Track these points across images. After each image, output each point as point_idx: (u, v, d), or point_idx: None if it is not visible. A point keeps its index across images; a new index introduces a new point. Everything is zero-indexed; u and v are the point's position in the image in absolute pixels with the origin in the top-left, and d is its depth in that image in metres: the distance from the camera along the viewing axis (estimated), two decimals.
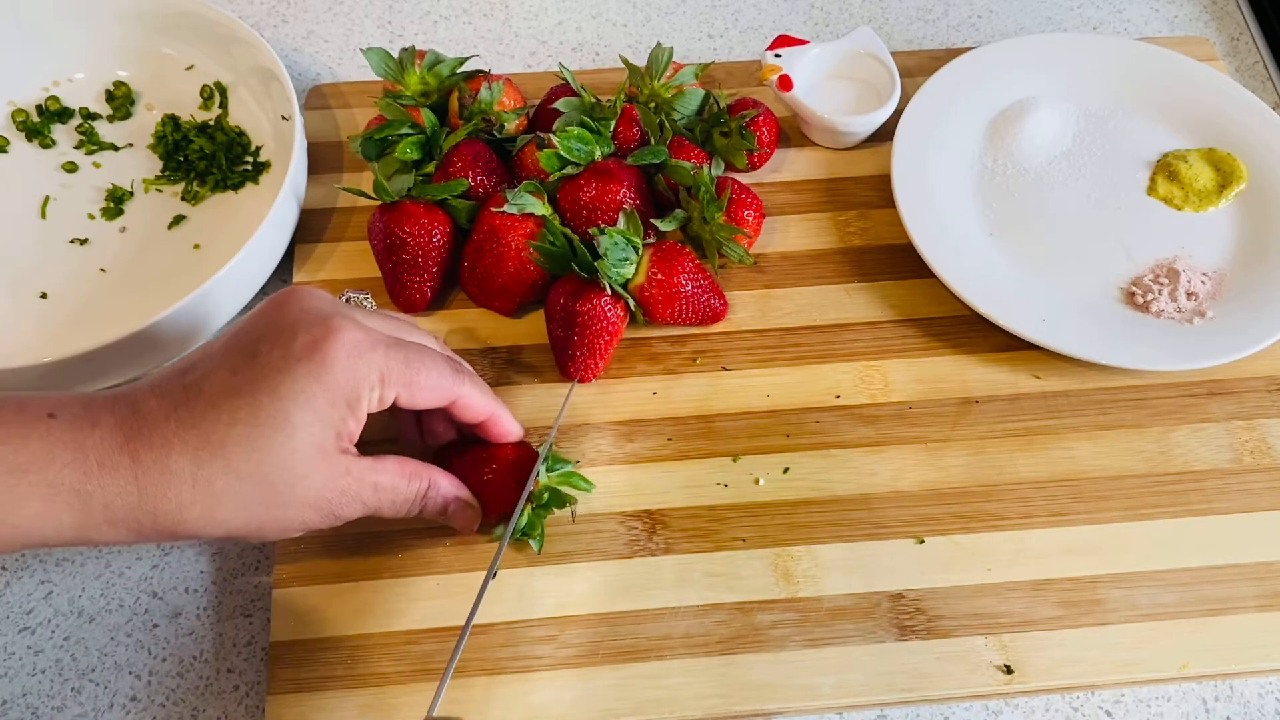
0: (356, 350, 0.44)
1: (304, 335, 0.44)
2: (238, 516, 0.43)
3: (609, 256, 0.58)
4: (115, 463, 0.41)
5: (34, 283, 0.64)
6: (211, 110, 0.71)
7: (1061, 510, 0.57)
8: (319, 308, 0.45)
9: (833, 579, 0.54)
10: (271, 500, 0.43)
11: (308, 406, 0.43)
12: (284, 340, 0.44)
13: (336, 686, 0.51)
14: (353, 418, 0.45)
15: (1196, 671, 0.52)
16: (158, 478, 0.41)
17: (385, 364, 0.45)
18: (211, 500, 0.42)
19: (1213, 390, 0.61)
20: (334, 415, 0.44)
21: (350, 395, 0.44)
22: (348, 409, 0.44)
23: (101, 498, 0.41)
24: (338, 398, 0.44)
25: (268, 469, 0.42)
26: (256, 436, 0.42)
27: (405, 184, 0.61)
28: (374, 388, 0.45)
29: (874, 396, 0.60)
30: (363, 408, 0.45)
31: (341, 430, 0.44)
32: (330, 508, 0.45)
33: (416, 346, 0.48)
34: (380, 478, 0.46)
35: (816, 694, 0.51)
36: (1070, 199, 0.67)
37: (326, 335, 0.44)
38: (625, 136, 0.64)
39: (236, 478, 0.42)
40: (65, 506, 0.40)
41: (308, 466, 0.43)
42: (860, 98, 0.70)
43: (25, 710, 0.53)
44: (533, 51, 0.78)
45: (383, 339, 0.46)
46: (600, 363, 0.59)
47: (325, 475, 0.44)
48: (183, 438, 0.42)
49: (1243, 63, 0.79)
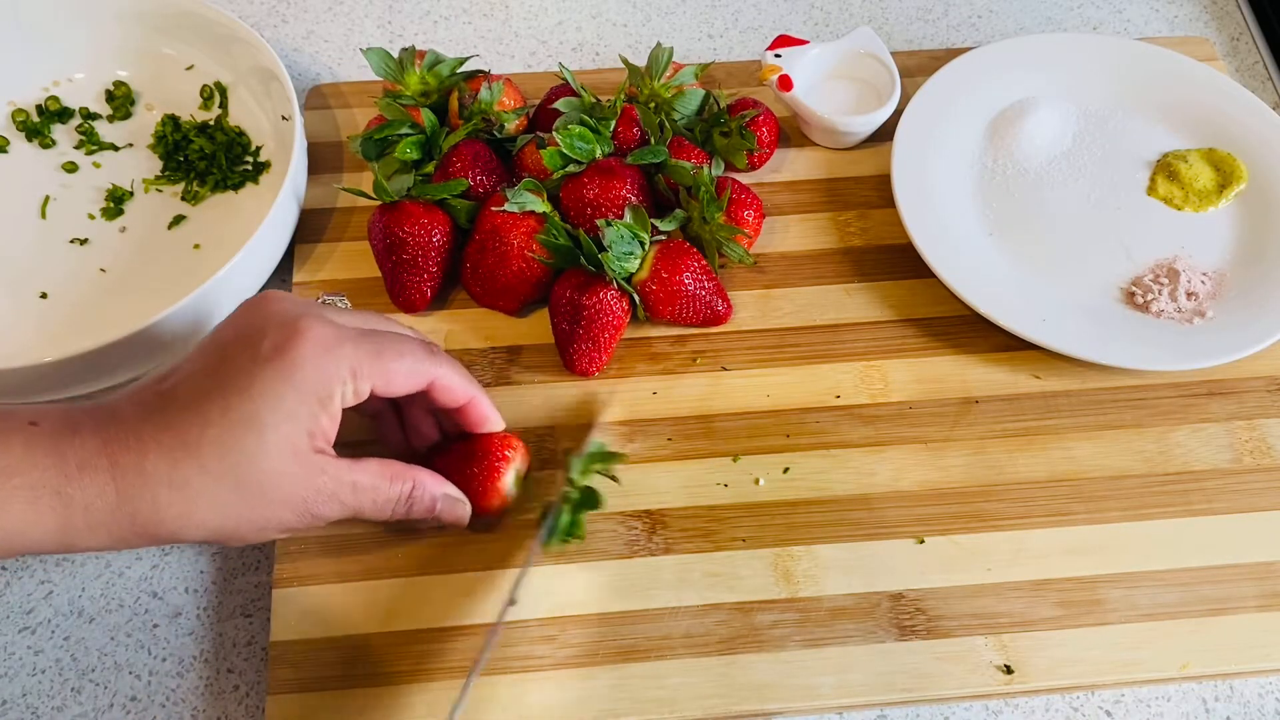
0: (324, 347, 0.45)
1: (271, 337, 0.45)
2: (214, 517, 0.44)
3: (614, 249, 0.58)
4: (94, 465, 0.42)
5: (34, 283, 0.64)
6: (211, 110, 0.71)
7: (1061, 510, 0.57)
8: (287, 310, 0.46)
9: (833, 579, 0.54)
10: (246, 500, 0.44)
11: (277, 407, 0.44)
12: (253, 343, 0.45)
13: (336, 686, 0.51)
14: (325, 415, 0.45)
15: (1196, 671, 0.52)
16: (135, 479, 0.42)
17: (355, 356, 0.46)
18: (188, 501, 0.43)
19: (1213, 390, 0.61)
20: (305, 414, 0.44)
21: (321, 393, 0.45)
22: (319, 407, 0.45)
23: (81, 500, 0.42)
24: (308, 396, 0.44)
25: (241, 469, 0.43)
26: (228, 438, 0.43)
27: (405, 184, 0.61)
28: (345, 382, 0.46)
29: (874, 396, 0.60)
30: (335, 404, 0.45)
31: (314, 429, 0.45)
32: (306, 507, 0.45)
33: (388, 335, 0.48)
34: (359, 477, 0.47)
35: (816, 694, 0.51)
36: (1070, 199, 0.67)
37: (293, 336, 0.45)
38: (625, 136, 0.65)
39: (212, 478, 0.43)
40: (48, 509, 0.41)
41: (281, 465, 0.44)
42: (860, 98, 0.70)
43: (25, 710, 0.53)
44: (533, 51, 0.78)
45: (351, 333, 0.46)
46: (604, 356, 0.59)
47: (299, 474, 0.45)
48: (158, 440, 0.42)
49: (1243, 63, 0.79)
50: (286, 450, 0.44)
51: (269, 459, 0.43)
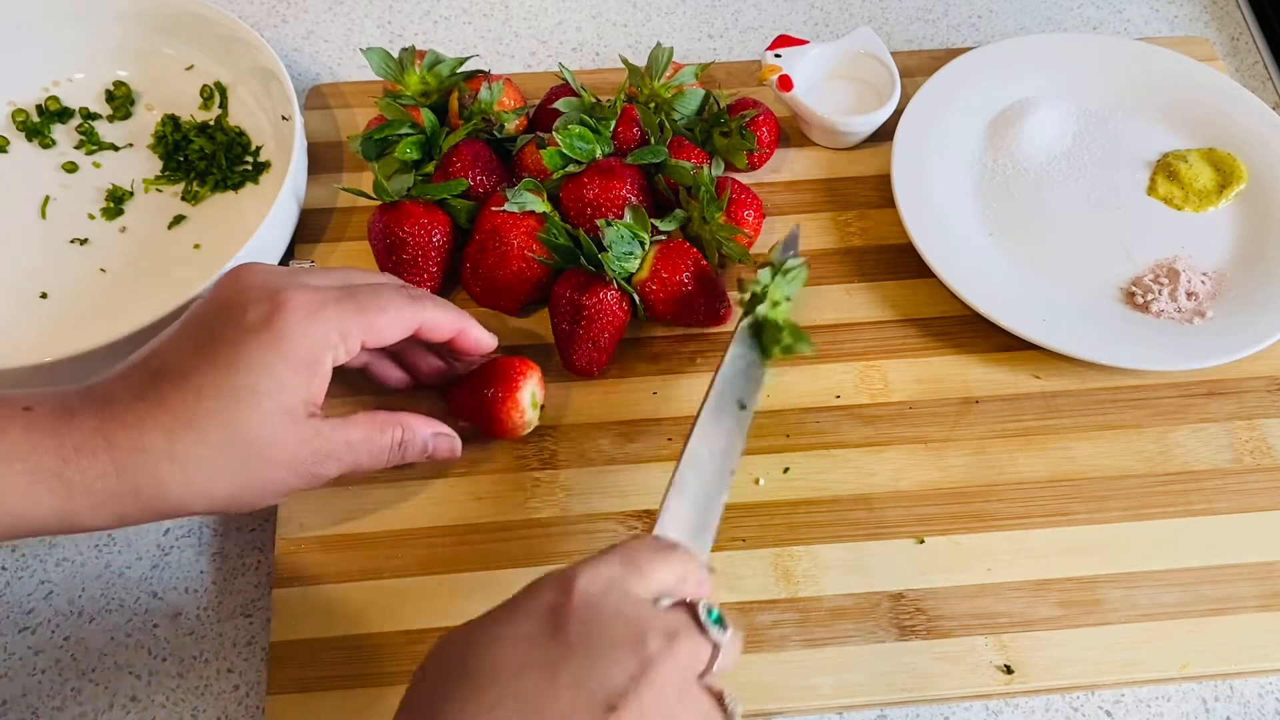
0: (308, 314, 0.46)
1: (255, 309, 0.46)
2: (217, 484, 0.44)
3: (614, 248, 0.58)
4: (92, 447, 0.42)
5: (34, 283, 0.64)
6: (211, 110, 0.71)
7: (1061, 510, 0.57)
8: (267, 281, 0.47)
9: (833, 579, 0.54)
10: (247, 466, 0.45)
11: (269, 376, 0.45)
12: (237, 316, 0.46)
13: (336, 686, 0.51)
14: (316, 380, 0.46)
15: (1196, 671, 0.52)
16: (135, 456, 0.43)
17: (339, 317, 0.47)
18: (189, 472, 0.44)
19: (1213, 390, 0.61)
20: (297, 381, 0.45)
21: (310, 359, 0.46)
22: (309, 373, 0.46)
23: (82, 482, 0.42)
24: (298, 363, 0.45)
25: (240, 439, 0.44)
26: (224, 409, 0.44)
27: (405, 184, 0.61)
28: (334, 345, 0.47)
29: (874, 396, 0.60)
30: (325, 367, 0.47)
31: (306, 395, 0.46)
32: (306, 468, 0.47)
33: (368, 288, 0.49)
34: (352, 434, 0.48)
35: (816, 694, 0.51)
36: (1070, 199, 0.67)
37: (277, 307, 0.46)
38: (625, 136, 0.65)
39: (211, 449, 0.44)
40: (48, 492, 0.42)
41: (278, 433, 0.45)
42: (860, 98, 0.70)
43: (25, 710, 0.53)
44: (533, 51, 0.78)
45: (332, 295, 0.47)
46: (604, 356, 0.59)
47: (296, 439, 0.46)
48: (154, 415, 0.43)
49: (1243, 63, 0.79)
50: (282, 418, 0.45)
51: (266, 427, 0.45)
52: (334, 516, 0.56)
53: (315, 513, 0.56)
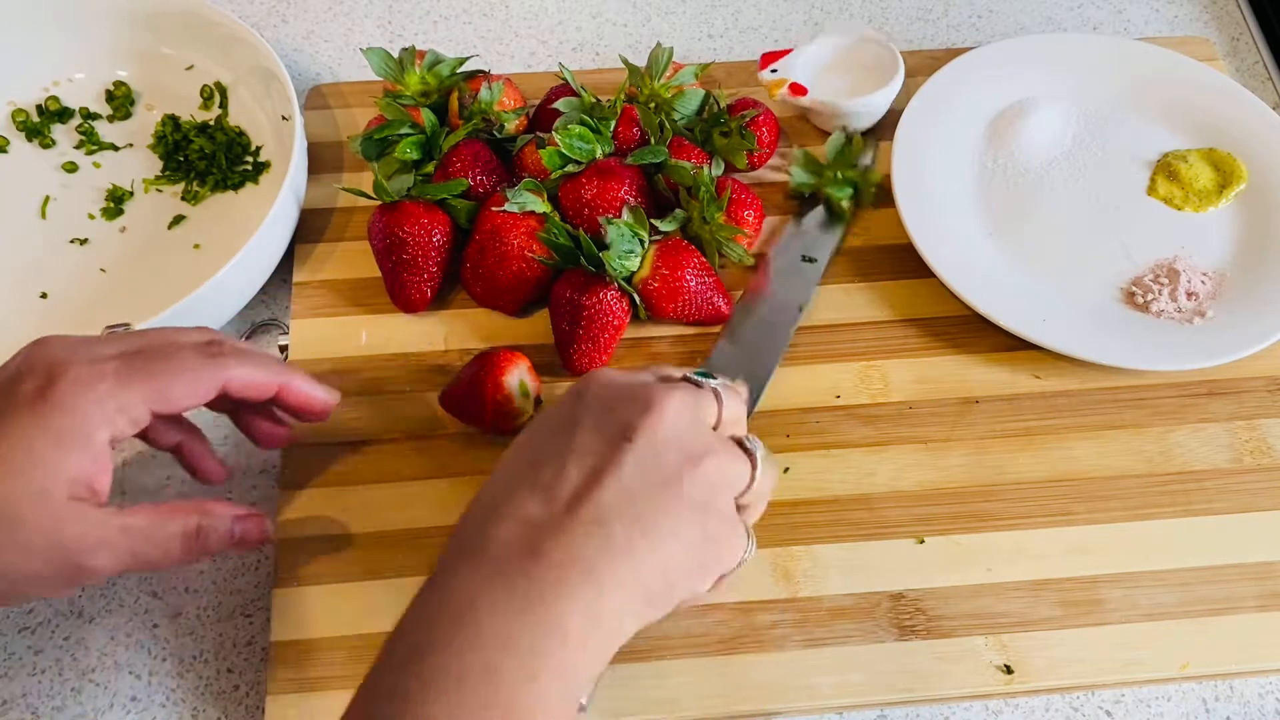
0: (84, 386, 0.44)
1: (30, 380, 0.44)
2: None
3: (615, 247, 0.58)
4: None
5: (34, 283, 0.64)
6: (211, 110, 0.71)
7: (1062, 510, 0.57)
8: (52, 353, 0.45)
9: (833, 579, 0.54)
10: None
11: (29, 451, 0.42)
12: (14, 387, 0.44)
13: (336, 686, 0.51)
14: (87, 458, 0.44)
15: (1196, 671, 0.52)
16: None
17: (117, 390, 0.44)
18: None
19: (1213, 390, 0.61)
20: (61, 458, 0.43)
21: (81, 436, 0.43)
22: (78, 450, 0.43)
23: None
24: (64, 440, 0.43)
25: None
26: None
27: (405, 184, 0.61)
28: (110, 419, 0.44)
29: (874, 396, 0.60)
30: (98, 444, 0.44)
31: (72, 475, 0.43)
32: (66, 557, 0.43)
33: (158, 352, 0.46)
34: (130, 520, 0.45)
35: (816, 694, 0.51)
36: (1070, 199, 0.67)
37: (51, 380, 0.43)
38: (625, 136, 0.65)
39: None
40: None
41: (29, 513, 0.42)
42: (859, 81, 0.70)
43: (25, 710, 0.53)
44: (533, 51, 0.78)
45: (112, 366, 0.45)
46: (604, 356, 0.59)
47: (51, 523, 0.43)
48: None
49: (1243, 63, 0.79)
50: (37, 497, 0.42)
51: (14, 505, 0.42)
52: (334, 516, 0.56)
53: (315, 513, 0.56)
